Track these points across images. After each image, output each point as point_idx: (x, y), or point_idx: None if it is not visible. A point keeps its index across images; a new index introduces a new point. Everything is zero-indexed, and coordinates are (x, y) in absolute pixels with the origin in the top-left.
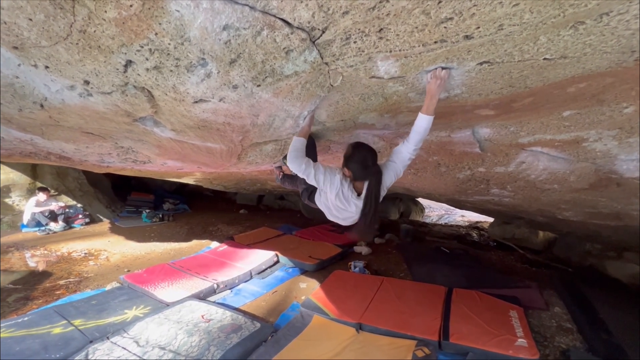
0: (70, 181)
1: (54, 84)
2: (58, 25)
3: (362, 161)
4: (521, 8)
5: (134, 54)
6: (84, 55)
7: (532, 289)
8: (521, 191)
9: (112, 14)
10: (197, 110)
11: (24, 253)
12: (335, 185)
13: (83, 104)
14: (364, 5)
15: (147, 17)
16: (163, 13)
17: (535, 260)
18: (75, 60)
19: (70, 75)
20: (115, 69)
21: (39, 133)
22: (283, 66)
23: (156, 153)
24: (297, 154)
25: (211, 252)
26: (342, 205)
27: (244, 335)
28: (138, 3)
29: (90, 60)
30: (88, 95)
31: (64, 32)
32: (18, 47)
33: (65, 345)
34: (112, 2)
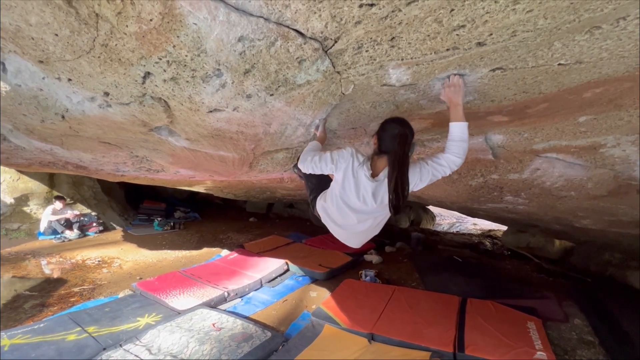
0: (86, 190)
1: (76, 96)
2: (82, 40)
3: (393, 128)
4: (535, 14)
5: (152, 65)
6: (105, 68)
7: (550, 299)
8: (536, 198)
9: (133, 28)
10: (211, 120)
11: (40, 260)
12: (345, 159)
13: (102, 114)
14: (377, 15)
15: (166, 30)
16: (181, 26)
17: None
18: (97, 73)
19: (92, 87)
20: (134, 80)
21: (59, 143)
22: (296, 75)
23: (170, 162)
24: (312, 153)
25: (222, 260)
26: (347, 195)
27: (255, 345)
28: (158, 17)
29: (111, 72)
30: (107, 106)
31: (87, 46)
32: (43, 61)
33: (79, 352)
34: (133, 17)
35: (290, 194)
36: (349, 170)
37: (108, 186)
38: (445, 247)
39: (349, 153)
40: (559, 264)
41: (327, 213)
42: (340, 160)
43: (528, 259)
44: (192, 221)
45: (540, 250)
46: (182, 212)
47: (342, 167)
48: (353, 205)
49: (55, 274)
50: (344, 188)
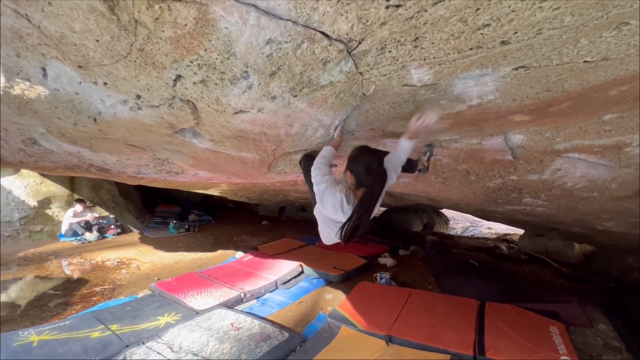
0: (104, 193)
1: (110, 99)
2: (120, 45)
3: (367, 163)
4: (562, 11)
5: (183, 69)
6: (140, 72)
7: (572, 304)
8: (556, 200)
9: (168, 33)
10: (236, 121)
11: (62, 261)
12: (335, 200)
13: (133, 117)
14: (402, 16)
15: (199, 34)
16: (213, 30)
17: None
18: (131, 77)
19: (125, 90)
20: (166, 83)
21: (87, 146)
22: (319, 77)
23: (190, 164)
24: (324, 161)
25: (237, 262)
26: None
27: (273, 345)
28: (192, 22)
29: (145, 76)
30: (138, 109)
31: (125, 51)
32: (82, 66)
33: (103, 349)
34: (169, 22)
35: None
36: (340, 206)
37: (125, 190)
38: (459, 251)
39: (338, 200)
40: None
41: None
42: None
43: (546, 264)
44: (206, 224)
45: (559, 255)
46: (196, 215)
47: (330, 205)
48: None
49: (77, 274)
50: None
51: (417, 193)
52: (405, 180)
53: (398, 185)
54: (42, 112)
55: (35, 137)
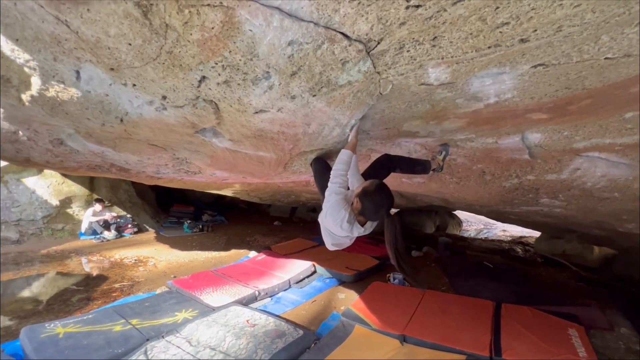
0: (122, 193)
1: (137, 100)
2: (151, 48)
3: (378, 204)
4: (583, 8)
5: (209, 70)
6: (167, 73)
7: (592, 307)
8: (575, 201)
9: (196, 36)
10: (256, 120)
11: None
12: (338, 216)
13: (158, 117)
14: (422, 16)
15: (224, 37)
16: (238, 33)
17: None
18: (159, 78)
19: (152, 92)
20: (191, 84)
21: (112, 146)
22: (338, 77)
23: (208, 164)
24: (344, 167)
25: (250, 261)
26: (335, 231)
27: (288, 341)
28: (219, 25)
29: (172, 77)
30: (163, 109)
31: (155, 54)
32: (114, 69)
33: (125, 342)
34: (197, 25)
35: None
36: (343, 225)
37: (141, 190)
38: (473, 253)
39: (341, 217)
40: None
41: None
42: (334, 218)
43: (564, 267)
44: (218, 224)
45: (578, 258)
46: (209, 215)
47: (331, 216)
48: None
49: (97, 271)
50: (335, 233)
51: (430, 193)
52: (418, 181)
53: (411, 186)
54: (73, 113)
55: (63, 137)
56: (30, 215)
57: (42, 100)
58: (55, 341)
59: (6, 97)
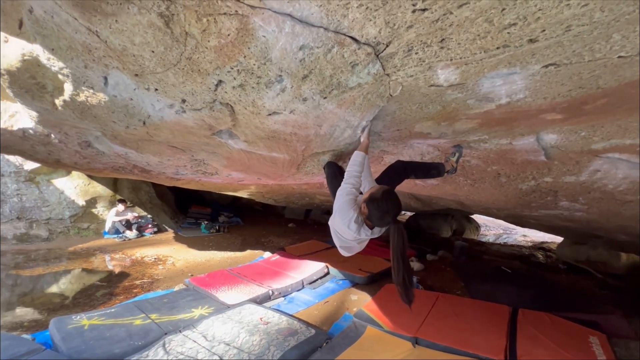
0: (143, 194)
1: (159, 104)
2: (172, 55)
3: (383, 211)
4: (590, 8)
5: (225, 74)
6: (186, 78)
7: (615, 315)
8: (597, 204)
9: (213, 43)
10: (269, 122)
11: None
12: (347, 216)
13: (177, 119)
14: (428, 19)
15: (239, 43)
16: (252, 39)
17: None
18: (179, 83)
19: (172, 95)
20: (208, 88)
21: (135, 147)
22: (348, 79)
23: (224, 165)
24: (358, 169)
25: (265, 262)
26: (342, 231)
27: (300, 340)
28: (234, 32)
29: (190, 82)
30: (182, 112)
31: (175, 60)
32: (138, 74)
33: (145, 335)
34: (215, 33)
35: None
36: (349, 225)
37: (161, 191)
38: (491, 258)
39: (349, 217)
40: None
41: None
42: (342, 218)
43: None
44: (234, 225)
45: (603, 265)
46: (225, 216)
47: (339, 215)
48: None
49: (120, 269)
50: (342, 235)
51: (445, 196)
52: (432, 183)
53: (425, 188)
54: (101, 117)
55: (90, 140)
56: (59, 215)
57: (73, 104)
58: (81, 332)
59: (41, 102)
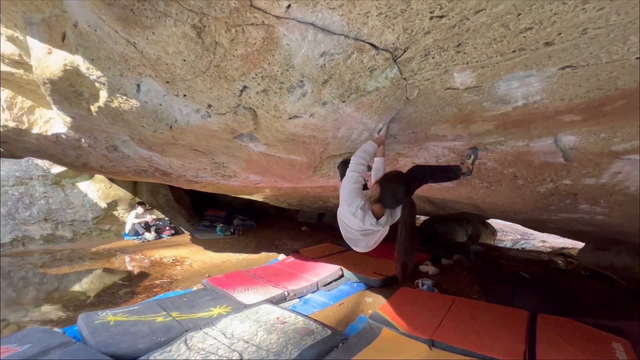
0: (160, 197)
1: (186, 109)
2: (202, 63)
3: (397, 187)
4: (607, 11)
5: (249, 80)
6: (214, 84)
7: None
8: (619, 207)
9: (240, 51)
10: (290, 125)
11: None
12: (355, 203)
13: (202, 124)
14: (446, 25)
15: (265, 51)
16: (276, 47)
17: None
18: (207, 89)
19: (200, 101)
20: (234, 93)
21: (159, 151)
22: (366, 83)
23: (243, 167)
24: (365, 156)
25: (280, 264)
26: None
27: (317, 339)
28: (260, 41)
29: (217, 88)
30: (207, 117)
31: (204, 67)
32: (169, 82)
33: (167, 332)
34: (242, 42)
35: None
36: (352, 208)
37: (178, 195)
38: (508, 263)
39: (356, 204)
40: None
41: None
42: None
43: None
44: (248, 228)
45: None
46: (240, 219)
47: (346, 202)
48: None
49: (140, 269)
50: (348, 224)
51: (460, 199)
52: (447, 185)
53: (440, 191)
54: (131, 121)
55: (117, 144)
56: (83, 217)
57: (107, 110)
58: (107, 327)
59: (78, 108)
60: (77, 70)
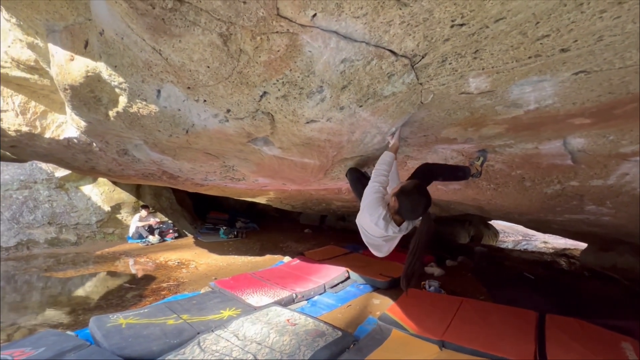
0: (164, 200)
1: (205, 114)
2: (225, 69)
3: (415, 203)
4: (623, 20)
5: (270, 86)
6: (235, 90)
7: None
8: (625, 208)
9: (264, 58)
10: (306, 130)
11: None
12: (376, 213)
13: (220, 128)
14: (465, 33)
15: (287, 58)
16: (299, 54)
17: None
18: (228, 94)
19: (219, 106)
20: (254, 99)
21: (172, 155)
22: (384, 88)
23: (253, 171)
24: (386, 167)
25: (286, 266)
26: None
27: (328, 340)
28: (283, 48)
29: (238, 93)
30: (225, 121)
31: (227, 74)
32: (190, 87)
33: (179, 334)
34: (266, 49)
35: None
36: (378, 222)
37: (180, 198)
38: (512, 264)
39: (378, 214)
40: None
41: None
42: (371, 215)
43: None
44: (251, 231)
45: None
46: (242, 222)
47: (368, 213)
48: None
49: (146, 272)
50: (369, 231)
51: (466, 201)
52: (454, 187)
53: (447, 193)
54: (148, 126)
55: (129, 148)
56: (86, 220)
57: (125, 115)
58: (119, 330)
59: (96, 113)
60: (98, 76)
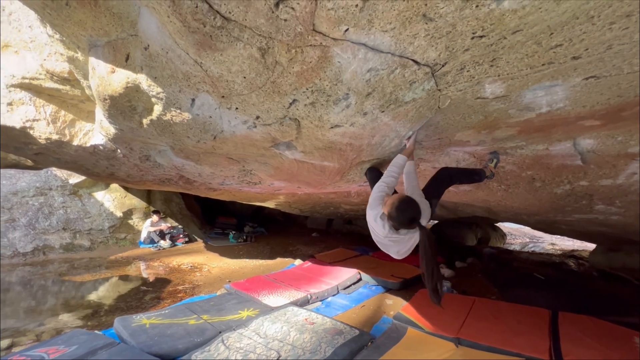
0: (174, 206)
1: (235, 120)
2: (260, 80)
3: (400, 216)
4: (631, 30)
5: (300, 94)
6: (266, 98)
7: None
8: (634, 207)
9: (296, 69)
10: (330, 134)
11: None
12: (374, 212)
13: (247, 133)
14: (484, 43)
15: (318, 68)
16: (329, 64)
17: None
18: (259, 102)
19: (250, 113)
20: (283, 106)
21: (195, 159)
22: (405, 95)
23: (270, 174)
24: (397, 170)
25: (298, 268)
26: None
27: (347, 338)
28: (315, 60)
29: (269, 101)
30: (253, 127)
31: (261, 83)
32: (225, 96)
33: (202, 333)
34: (299, 61)
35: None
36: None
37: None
38: (521, 265)
39: (380, 211)
40: None
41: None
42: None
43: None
44: (259, 235)
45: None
46: (250, 226)
47: (373, 209)
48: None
49: (161, 275)
50: (374, 228)
51: (475, 203)
52: (465, 188)
53: (457, 194)
54: (178, 133)
55: (152, 154)
56: (99, 225)
57: (157, 123)
58: (144, 330)
59: (130, 121)
60: (137, 87)
